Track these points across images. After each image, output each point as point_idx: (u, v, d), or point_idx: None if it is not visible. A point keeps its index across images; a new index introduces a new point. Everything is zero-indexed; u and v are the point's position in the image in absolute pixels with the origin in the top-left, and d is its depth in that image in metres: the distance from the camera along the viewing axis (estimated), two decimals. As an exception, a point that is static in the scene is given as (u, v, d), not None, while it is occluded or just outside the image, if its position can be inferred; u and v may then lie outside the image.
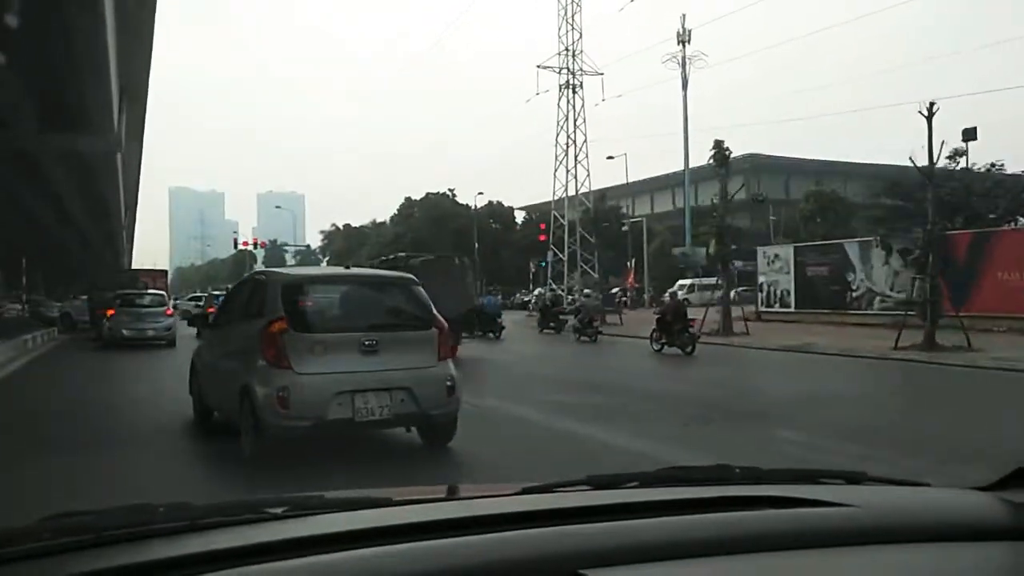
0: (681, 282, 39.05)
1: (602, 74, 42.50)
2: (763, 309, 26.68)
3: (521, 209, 64.95)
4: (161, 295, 21.09)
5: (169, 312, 20.13)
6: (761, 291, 27.28)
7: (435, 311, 6.59)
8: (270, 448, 5.88)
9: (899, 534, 1.22)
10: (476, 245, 53.00)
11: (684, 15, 47.86)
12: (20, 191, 26.92)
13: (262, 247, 57.50)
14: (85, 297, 30.33)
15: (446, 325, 6.65)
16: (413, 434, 6.70)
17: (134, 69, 19.79)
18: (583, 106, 44.25)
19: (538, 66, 41.73)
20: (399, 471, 5.96)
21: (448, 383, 6.34)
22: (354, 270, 8.16)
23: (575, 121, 43.82)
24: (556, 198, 45.92)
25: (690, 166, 49.54)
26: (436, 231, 60.20)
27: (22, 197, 28.22)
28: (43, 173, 24.86)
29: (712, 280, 25.04)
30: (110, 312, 19.54)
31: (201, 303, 32.16)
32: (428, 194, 64.68)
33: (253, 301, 6.78)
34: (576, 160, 43.57)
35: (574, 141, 43.89)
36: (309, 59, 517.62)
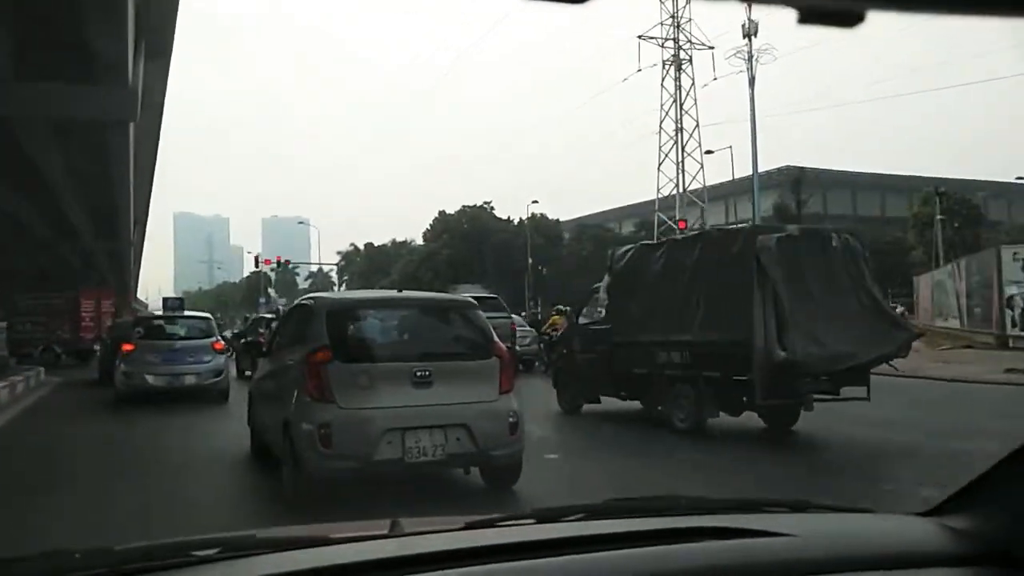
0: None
1: (713, 48, 35.46)
2: (1016, 332, 19.83)
3: (568, 222, 59.43)
4: (206, 319, 14.24)
5: (218, 346, 13.28)
6: (1011, 308, 20.41)
7: (496, 337, 6.21)
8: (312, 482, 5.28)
9: (841, 562, 1.23)
10: (529, 261, 47.55)
11: (749, 5, 41.47)
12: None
13: (286, 264, 52.09)
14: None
15: (507, 353, 6.26)
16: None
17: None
18: (692, 86, 37.37)
19: (639, 37, 34.93)
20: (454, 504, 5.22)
21: (511, 419, 5.80)
22: (407, 293, 7.60)
23: (680, 105, 37.33)
24: (659, 196, 39.96)
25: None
26: (475, 247, 54.74)
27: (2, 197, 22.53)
28: (29, 155, 19.20)
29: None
30: (126, 348, 12.82)
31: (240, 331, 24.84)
32: (464, 207, 59.34)
33: (300, 328, 6.46)
34: (683, 150, 36.57)
35: (680, 128, 37.31)
36: (318, 79, 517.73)
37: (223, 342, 13.85)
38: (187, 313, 14.67)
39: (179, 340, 13.18)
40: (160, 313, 14.68)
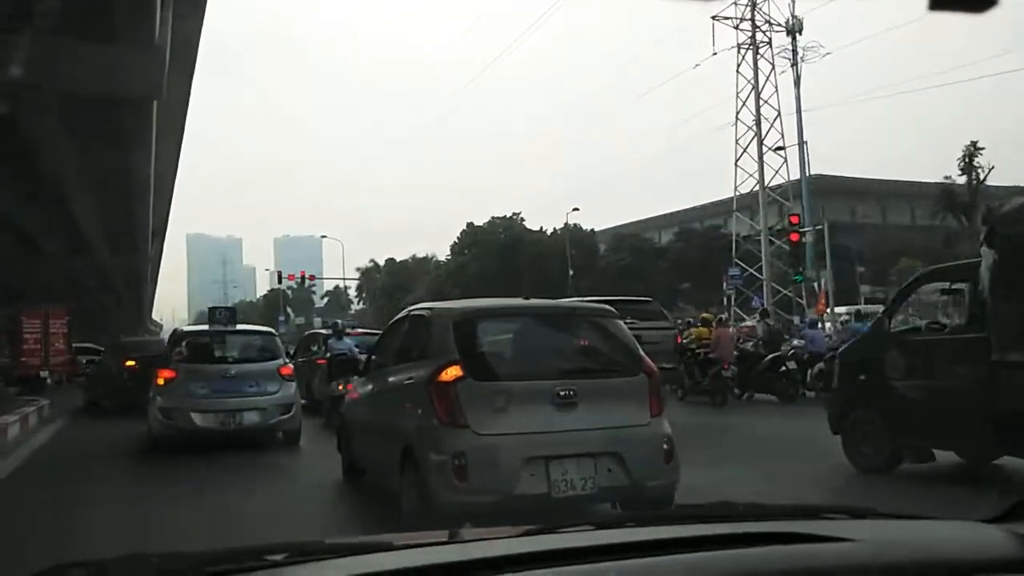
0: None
1: (795, 30, 31.55)
2: None
3: (604, 231, 56.61)
4: (269, 336, 10.64)
5: (286, 371, 9.79)
6: None
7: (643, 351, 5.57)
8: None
9: (905, 569, 1.22)
10: (570, 273, 44.71)
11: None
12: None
13: (311, 279, 49.67)
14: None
15: (656, 369, 5.55)
16: None
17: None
18: (772, 73, 32.55)
19: (713, 17, 31.40)
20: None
21: (665, 445, 5.18)
22: (538, 301, 6.58)
23: (758, 93, 32.67)
24: (737, 195, 34.91)
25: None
26: (507, 260, 52.01)
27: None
28: (37, 152, 16.57)
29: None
30: (163, 375, 9.29)
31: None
32: (494, 218, 56.63)
33: (414, 342, 5.95)
34: (762, 143, 33.02)
35: (759, 120, 32.77)
36: (330, 93, 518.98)
37: (291, 366, 10.26)
38: (243, 327, 11.42)
39: (234, 364, 9.72)
40: (204, 328, 10.82)
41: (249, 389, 9.28)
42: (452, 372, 5.01)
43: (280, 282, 47.60)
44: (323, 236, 64.59)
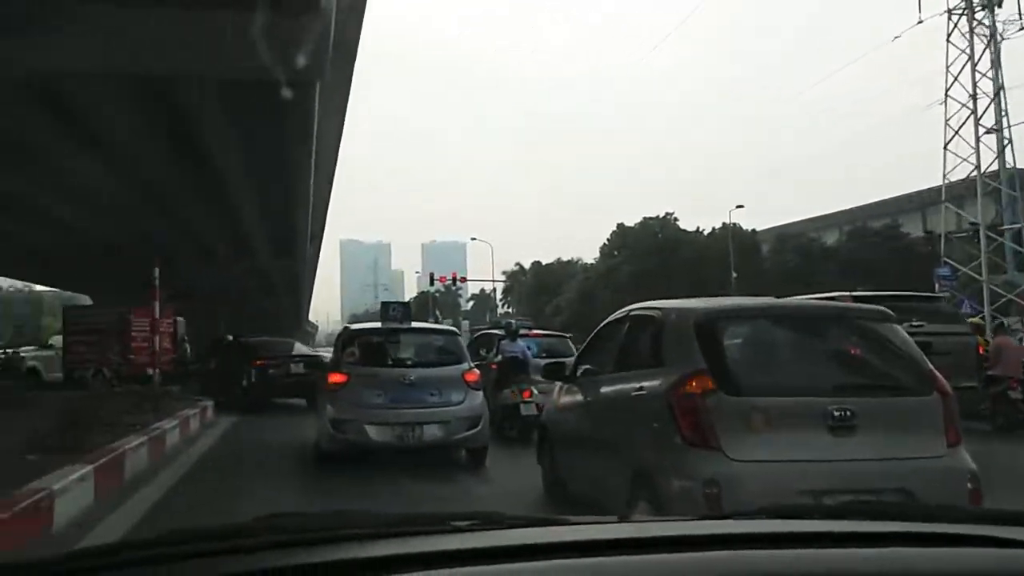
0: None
1: (995, 3, 27.22)
2: None
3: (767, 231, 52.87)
4: (452, 335, 9.10)
5: (471, 377, 8.24)
6: None
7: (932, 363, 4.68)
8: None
9: None
10: (734, 275, 41.73)
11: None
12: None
13: (463, 281, 49.71)
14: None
15: (949, 387, 4.58)
16: None
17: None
18: (991, 40, 28.04)
19: None
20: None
21: (969, 484, 4.24)
22: (797, 301, 6.27)
23: (973, 66, 28.11)
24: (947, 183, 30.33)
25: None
26: (660, 261, 49.50)
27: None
28: (206, 152, 16.31)
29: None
30: (334, 379, 7.98)
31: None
32: (646, 219, 54.23)
33: (640, 346, 5.25)
34: (978, 124, 28.46)
35: (974, 96, 28.11)
36: (477, 100, 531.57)
37: (477, 371, 8.55)
38: (422, 325, 10.11)
39: (413, 368, 8.22)
40: (376, 326, 9.11)
41: (430, 398, 7.86)
42: (699, 383, 4.32)
43: (432, 284, 47.68)
44: (472, 239, 64.31)
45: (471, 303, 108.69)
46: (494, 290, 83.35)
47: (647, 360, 5.04)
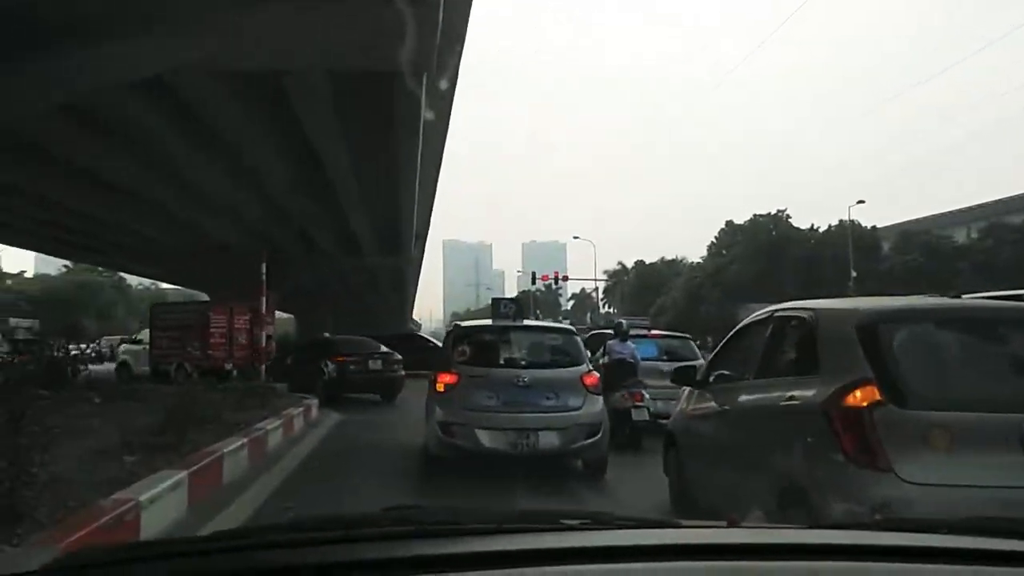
0: None
1: None
2: None
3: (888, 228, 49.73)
4: (569, 334, 8.32)
5: (591, 380, 7.51)
6: None
7: None
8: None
9: None
10: (853, 274, 39.41)
11: None
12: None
13: (564, 280, 49.25)
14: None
15: None
16: None
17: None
18: None
19: None
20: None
21: None
22: (976, 301, 5.47)
23: None
24: None
25: None
26: (771, 260, 47.37)
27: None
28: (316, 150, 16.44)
29: None
30: (444, 379, 7.38)
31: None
32: (756, 216, 52.10)
33: (789, 351, 4.76)
34: None
35: None
36: (578, 101, 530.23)
37: (597, 375, 7.82)
38: (536, 323, 9.46)
39: (527, 369, 7.51)
40: (487, 323, 8.50)
41: (546, 402, 7.20)
42: (865, 395, 3.82)
43: (533, 283, 47.46)
44: (575, 237, 63.70)
45: (571, 303, 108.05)
46: (596, 289, 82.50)
47: (798, 366, 4.54)
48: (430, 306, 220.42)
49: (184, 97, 14.18)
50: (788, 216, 51.50)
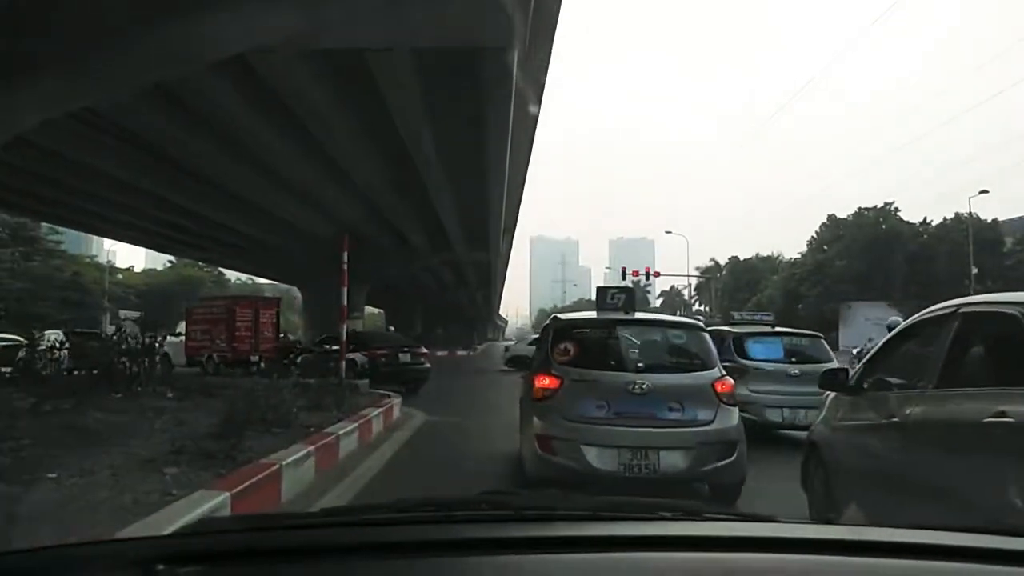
0: None
1: None
2: None
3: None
4: (695, 331, 6.61)
5: (724, 387, 5.98)
6: None
7: None
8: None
9: None
10: (974, 271, 36.56)
11: None
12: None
13: (656, 275, 47.85)
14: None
15: None
16: None
17: None
18: None
19: None
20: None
21: None
22: None
23: None
24: None
25: None
26: (878, 256, 44.63)
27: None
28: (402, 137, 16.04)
29: None
30: (542, 383, 6.01)
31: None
32: (861, 210, 49.22)
33: (991, 355, 3.98)
34: None
35: None
36: (663, 86, 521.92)
37: (731, 381, 6.31)
38: (652, 316, 7.73)
39: (644, 373, 6.05)
40: (592, 316, 7.01)
41: (669, 414, 5.85)
42: None
43: (624, 279, 46.26)
44: (668, 232, 61.87)
45: (660, 300, 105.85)
46: (688, 286, 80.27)
47: (1006, 375, 3.67)
48: (516, 303, 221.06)
49: (273, 85, 14.03)
50: (896, 209, 48.49)
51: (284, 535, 1.26)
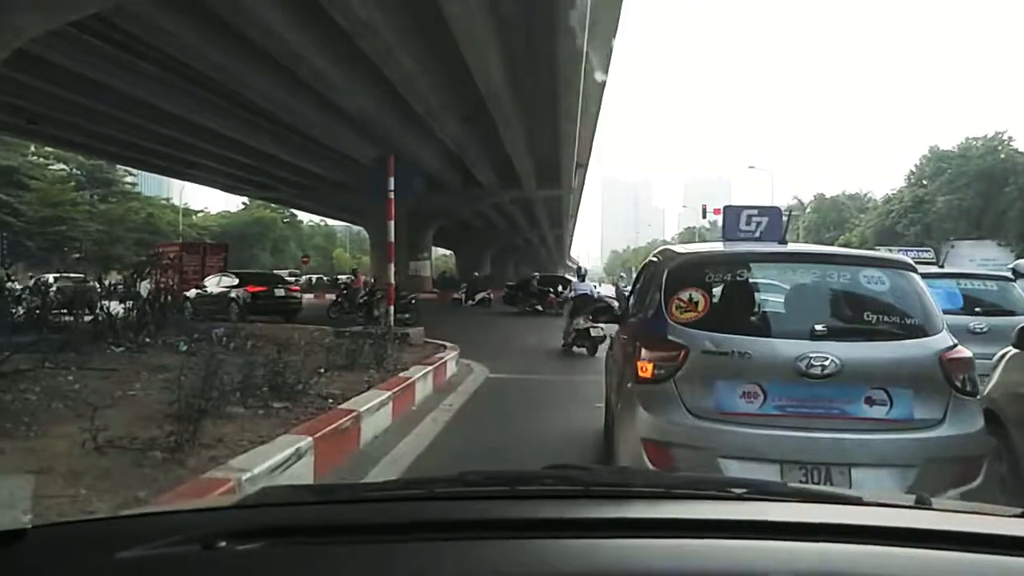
0: None
1: None
2: None
3: None
4: (902, 268, 3.62)
5: (959, 365, 3.40)
6: None
7: None
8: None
9: None
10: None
11: None
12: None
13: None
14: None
15: None
16: None
17: None
18: None
19: None
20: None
21: None
22: None
23: None
24: None
25: None
26: (989, 192, 40.80)
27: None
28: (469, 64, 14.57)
29: None
30: (654, 355, 3.48)
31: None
32: (968, 140, 45.08)
33: None
34: None
35: None
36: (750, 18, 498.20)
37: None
38: (828, 250, 4.67)
39: (821, 340, 3.41)
40: (727, 249, 4.08)
41: (869, 410, 3.40)
42: None
43: (704, 217, 43.74)
44: (751, 167, 58.60)
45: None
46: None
47: None
48: (587, 246, 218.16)
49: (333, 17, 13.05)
50: (1010, 139, 44.09)
51: (338, 510, 1.23)
